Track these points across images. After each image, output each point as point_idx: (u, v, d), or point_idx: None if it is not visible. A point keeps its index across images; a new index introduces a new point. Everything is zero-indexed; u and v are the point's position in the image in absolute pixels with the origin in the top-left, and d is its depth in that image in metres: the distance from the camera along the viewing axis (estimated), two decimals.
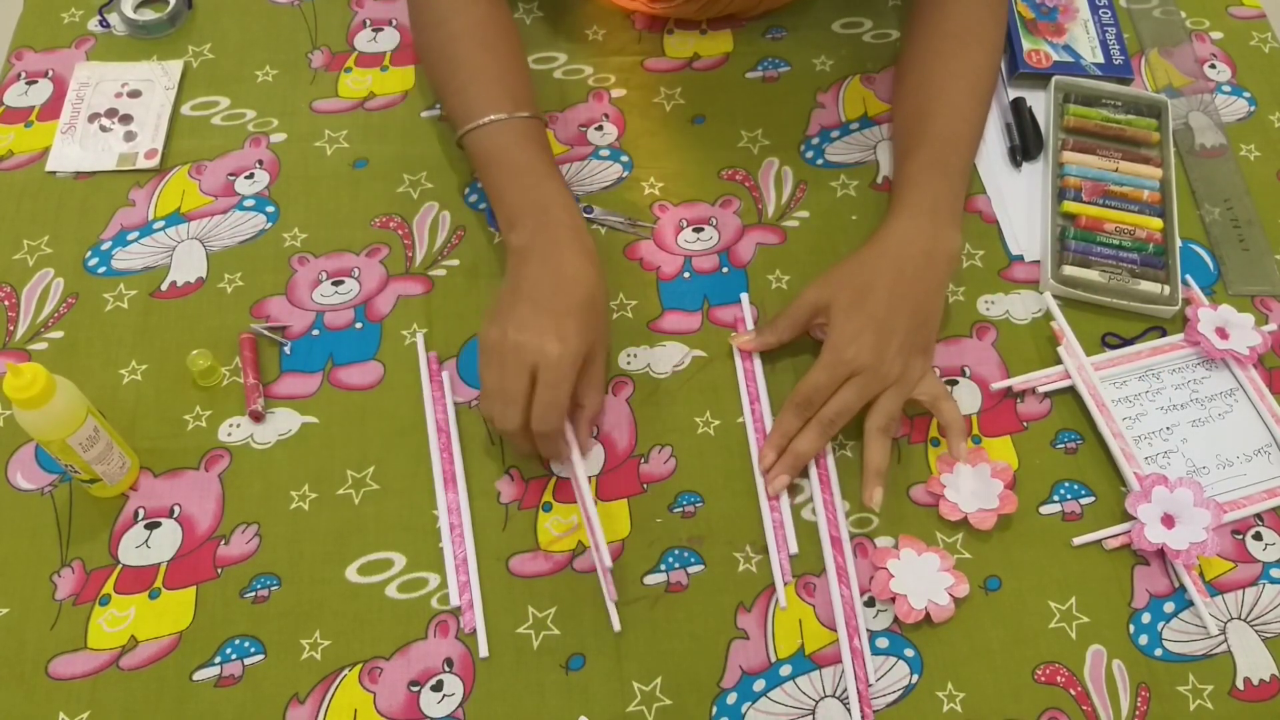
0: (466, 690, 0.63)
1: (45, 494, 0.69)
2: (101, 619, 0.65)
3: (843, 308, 0.70)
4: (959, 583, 0.66)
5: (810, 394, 0.69)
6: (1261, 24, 0.94)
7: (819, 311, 0.71)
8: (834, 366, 0.68)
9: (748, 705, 0.63)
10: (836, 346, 0.69)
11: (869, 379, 0.68)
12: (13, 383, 0.59)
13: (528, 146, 0.74)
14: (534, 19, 0.92)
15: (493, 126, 0.74)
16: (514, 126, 0.74)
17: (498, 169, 0.74)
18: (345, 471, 0.70)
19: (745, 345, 0.74)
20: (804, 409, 0.69)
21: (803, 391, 0.69)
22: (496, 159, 0.74)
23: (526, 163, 0.73)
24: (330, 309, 0.77)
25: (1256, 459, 0.72)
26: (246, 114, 0.86)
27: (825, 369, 0.68)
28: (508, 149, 0.74)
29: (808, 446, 0.69)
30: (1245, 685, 0.64)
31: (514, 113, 0.74)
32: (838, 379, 0.68)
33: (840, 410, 0.68)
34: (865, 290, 0.70)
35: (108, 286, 0.77)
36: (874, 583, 0.66)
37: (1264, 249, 0.81)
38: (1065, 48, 0.90)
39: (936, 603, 0.65)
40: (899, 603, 0.65)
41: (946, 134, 0.77)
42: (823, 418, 0.68)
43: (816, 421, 0.69)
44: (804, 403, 0.69)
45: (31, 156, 0.84)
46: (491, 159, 0.74)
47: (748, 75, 0.89)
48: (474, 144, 0.75)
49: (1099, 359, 0.75)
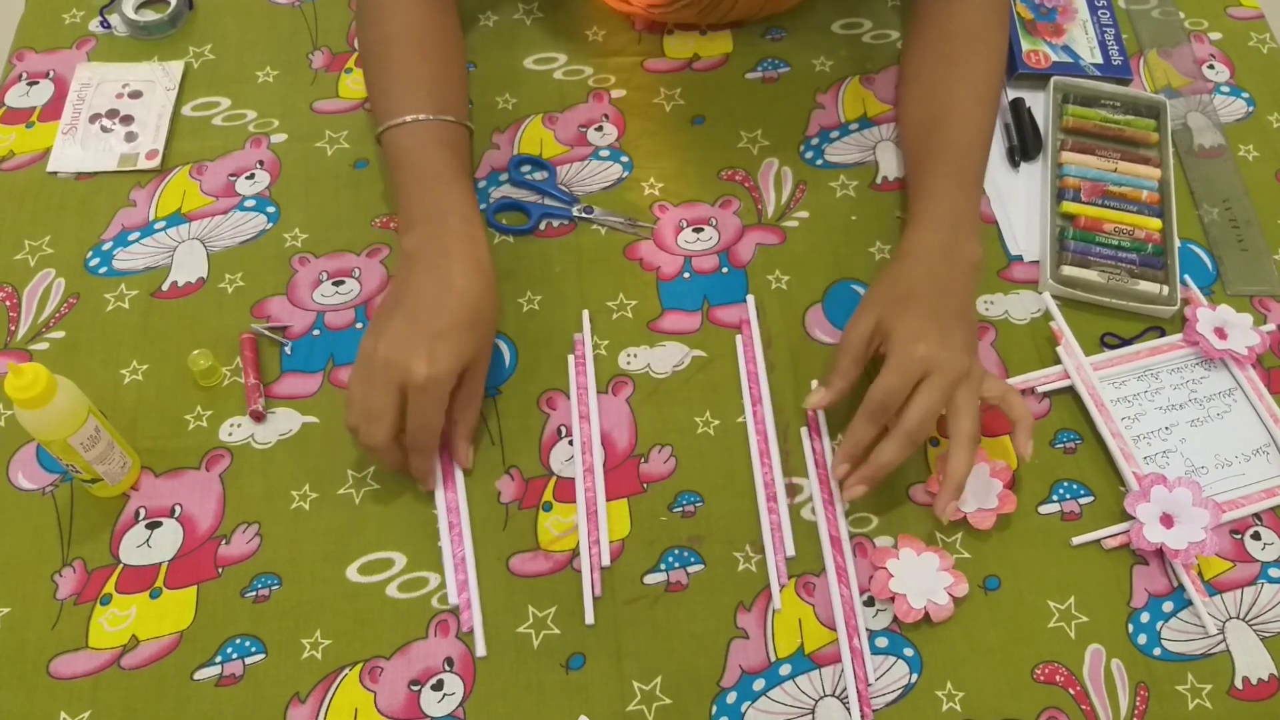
0: (467, 690, 0.63)
1: (46, 494, 0.69)
2: (102, 618, 0.65)
3: (896, 315, 0.67)
4: (958, 582, 0.66)
5: (884, 399, 0.65)
6: (1260, 25, 0.95)
7: (872, 336, 0.69)
8: (906, 367, 0.65)
9: (747, 704, 0.63)
10: (904, 347, 0.65)
11: (944, 375, 0.65)
12: (14, 383, 0.59)
13: (439, 151, 0.72)
14: (534, 19, 0.92)
15: (408, 127, 0.72)
16: (430, 129, 0.73)
17: (403, 170, 0.72)
18: (346, 471, 0.70)
19: (820, 403, 0.69)
20: (879, 415, 0.66)
21: (876, 398, 0.65)
22: (405, 160, 0.72)
23: (433, 167, 0.71)
24: (331, 309, 0.77)
25: (1255, 459, 0.72)
26: (247, 114, 0.86)
27: (897, 371, 0.65)
28: (417, 150, 0.72)
29: (891, 458, 0.65)
30: (1244, 684, 0.64)
31: (435, 115, 0.73)
32: (911, 380, 0.65)
33: (924, 416, 0.65)
34: (910, 297, 0.68)
35: (109, 286, 0.78)
36: (873, 582, 0.66)
37: (1262, 249, 0.81)
38: (1064, 48, 0.90)
39: (936, 602, 0.65)
40: (898, 602, 0.65)
41: (960, 144, 0.76)
42: (907, 428, 0.65)
43: (901, 434, 0.65)
44: (879, 409, 0.65)
45: (33, 157, 0.84)
46: (400, 160, 0.73)
47: (747, 76, 0.89)
48: (388, 143, 0.74)
49: (1098, 359, 0.75)
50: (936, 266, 0.70)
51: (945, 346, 0.66)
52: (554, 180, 0.83)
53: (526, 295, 0.78)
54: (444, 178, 0.71)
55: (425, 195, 0.70)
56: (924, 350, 0.65)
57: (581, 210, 0.82)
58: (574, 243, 0.80)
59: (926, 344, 0.65)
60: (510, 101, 0.87)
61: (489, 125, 0.86)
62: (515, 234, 0.81)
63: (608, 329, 0.76)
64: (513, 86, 0.88)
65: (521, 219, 0.82)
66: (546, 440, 0.72)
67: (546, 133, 0.86)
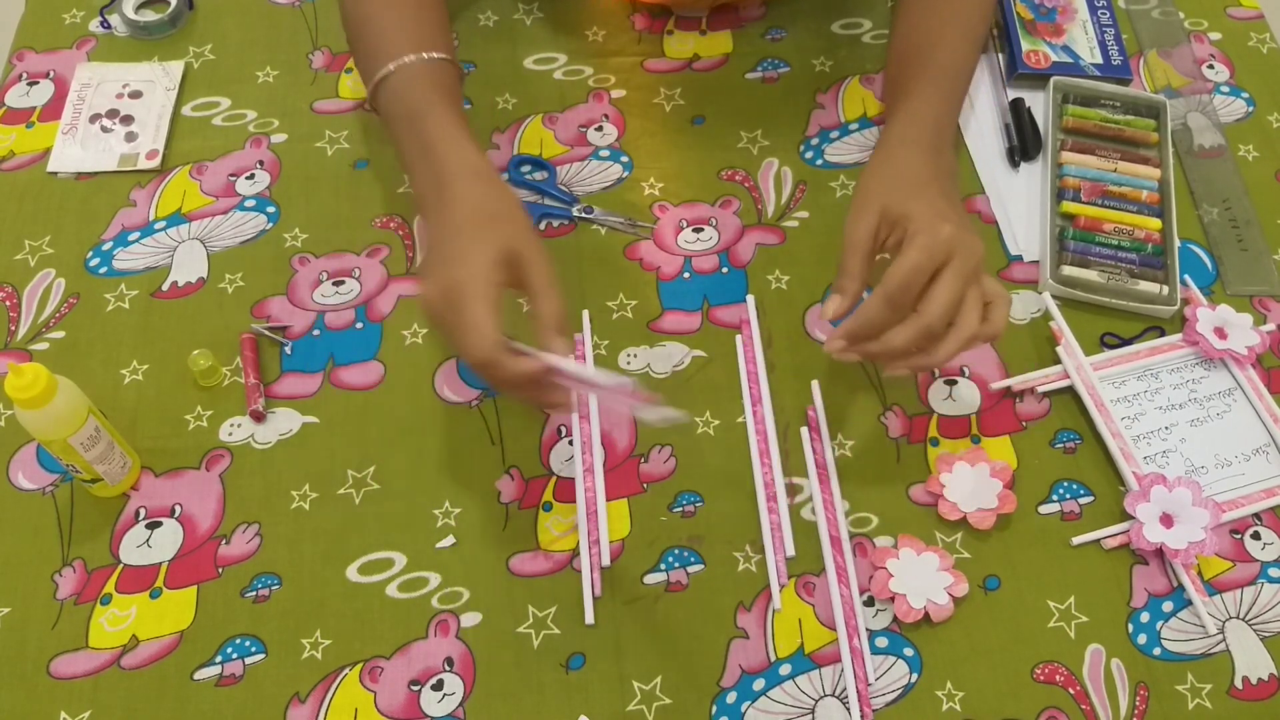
0: (467, 689, 0.63)
1: (46, 494, 0.69)
2: (103, 618, 0.65)
3: (910, 198, 0.63)
4: (958, 582, 0.66)
5: (909, 278, 0.60)
6: (1260, 25, 0.95)
7: (879, 228, 0.64)
8: (932, 245, 0.60)
9: (747, 704, 0.63)
10: (930, 226, 0.61)
11: (966, 261, 0.61)
12: (14, 383, 0.59)
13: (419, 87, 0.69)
14: (534, 19, 0.92)
15: (393, 76, 0.70)
16: (413, 70, 0.70)
17: (394, 120, 0.70)
18: (346, 471, 0.70)
19: (838, 310, 0.64)
20: (901, 297, 0.60)
21: (899, 278, 0.60)
22: (393, 108, 0.70)
23: (415, 105, 0.69)
24: (331, 309, 0.77)
25: (1255, 458, 0.72)
26: (247, 114, 0.86)
27: (924, 249, 0.60)
28: (401, 93, 0.70)
29: (904, 344, 0.61)
30: (1244, 684, 0.64)
31: (416, 56, 0.70)
32: (937, 259, 0.60)
33: (948, 306, 0.60)
34: (917, 180, 0.65)
35: (109, 286, 0.78)
36: (873, 582, 0.66)
37: (1262, 249, 0.81)
38: (1064, 48, 0.90)
39: (935, 602, 0.65)
40: (898, 602, 0.65)
41: (944, 65, 0.75)
42: (929, 320, 0.60)
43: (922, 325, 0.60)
44: (901, 290, 0.60)
45: (33, 157, 0.84)
46: (390, 109, 0.70)
47: (747, 76, 0.89)
48: (378, 99, 0.72)
49: (1098, 359, 0.75)
50: (930, 154, 0.68)
51: (967, 229, 0.62)
52: (554, 180, 0.83)
53: None
54: (422, 112, 0.68)
55: (413, 134, 0.68)
56: (950, 230, 0.61)
57: (581, 210, 0.82)
58: (574, 243, 0.80)
59: (951, 225, 0.61)
60: (510, 101, 0.87)
61: (489, 125, 0.86)
62: None
63: (608, 329, 0.76)
64: (513, 86, 0.88)
65: None
66: (546, 440, 0.72)
67: (546, 133, 0.86)
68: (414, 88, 0.70)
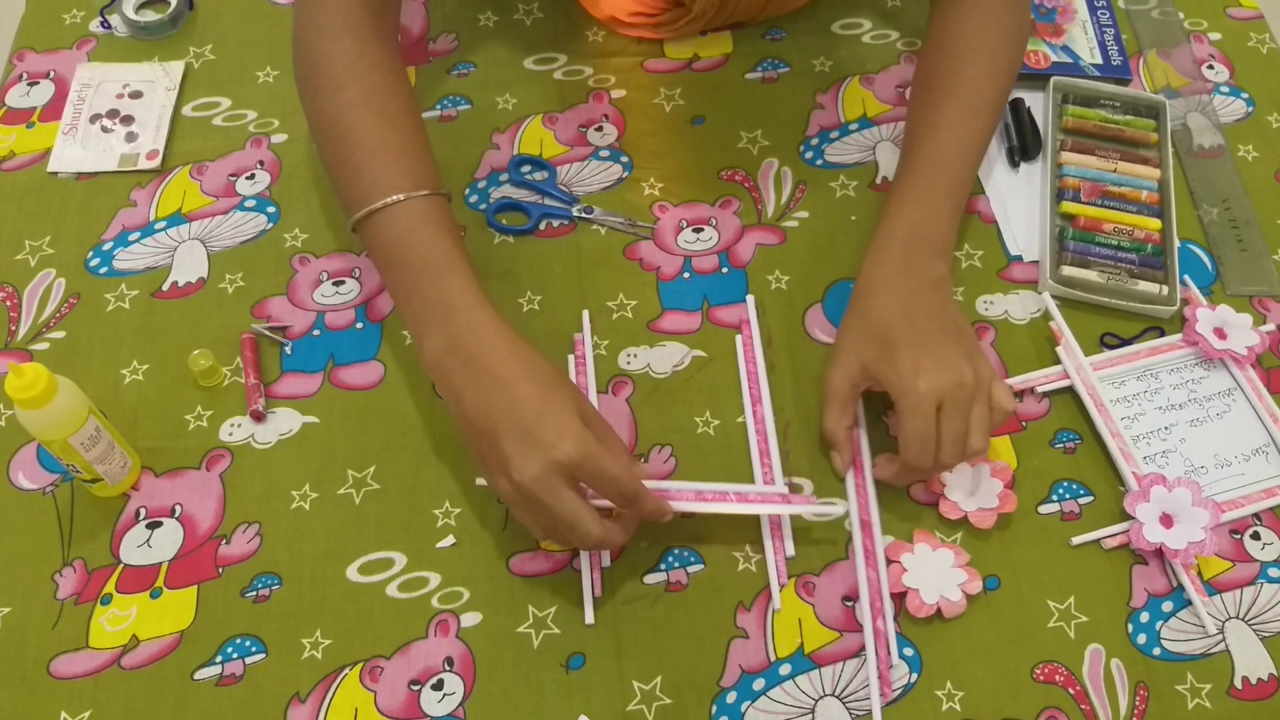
0: (467, 689, 0.63)
1: (47, 494, 0.69)
2: (103, 618, 0.65)
3: (882, 358, 0.66)
4: (972, 579, 0.66)
5: (920, 444, 0.64)
6: (1259, 25, 0.95)
7: (857, 384, 0.69)
8: (919, 407, 0.64)
9: (747, 704, 0.63)
10: (908, 390, 0.64)
11: (956, 397, 0.64)
12: (14, 383, 0.59)
13: (426, 233, 0.66)
14: (534, 19, 0.92)
15: (389, 212, 0.66)
16: (413, 209, 0.66)
17: (395, 267, 0.66)
18: (346, 471, 0.70)
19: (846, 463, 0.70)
20: (922, 460, 0.65)
21: (912, 449, 0.65)
22: (393, 253, 0.66)
23: (424, 255, 0.65)
24: (331, 309, 0.77)
25: (1254, 459, 0.72)
26: (248, 115, 0.86)
27: (915, 414, 0.64)
28: (403, 240, 0.66)
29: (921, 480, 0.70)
30: (1243, 684, 0.64)
31: (413, 192, 0.66)
32: (930, 416, 0.64)
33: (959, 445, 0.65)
34: (886, 334, 0.67)
35: (109, 287, 0.78)
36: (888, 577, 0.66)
37: (1262, 249, 0.81)
38: (1064, 48, 0.91)
39: (949, 598, 0.65)
40: (910, 597, 0.65)
41: (934, 155, 0.74)
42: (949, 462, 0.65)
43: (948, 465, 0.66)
44: (920, 455, 0.65)
45: (33, 157, 0.84)
46: (388, 253, 0.66)
47: (747, 76, 0.89)
48: (368, 231, 0.67)
49: (1097, 359, 0.75)
50: (899, 292, 0.69)
51: (943, 369, 0.64)
52: (554, 180, 0.83)
53: (526, 295, 0.78)
54: (436, 266, 0.65)
55: (424, 292, 0.65)
56: (926, 384, 0.64)
57: (581, 210, 0.82)
58: (574, 243, 0.80)
59: (926, 377, 0.64)
60: (510, 101, 0.87)
61: (489, 125, 0.86)
62: (515, 234, 0.81)
63: (608, 329, 0.76)
64: (513, 86, 0.88)
65: (521, 219, 0.82)
66: None
67: (546, 133, 0.86)
68: (419, 233, 0.66)
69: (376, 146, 0.68)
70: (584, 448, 0.59)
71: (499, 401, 0.61)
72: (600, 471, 0.60)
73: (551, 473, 0.58)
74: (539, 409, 0.60)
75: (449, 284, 0.64)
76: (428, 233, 0.66)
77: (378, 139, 0.68)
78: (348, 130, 0.69)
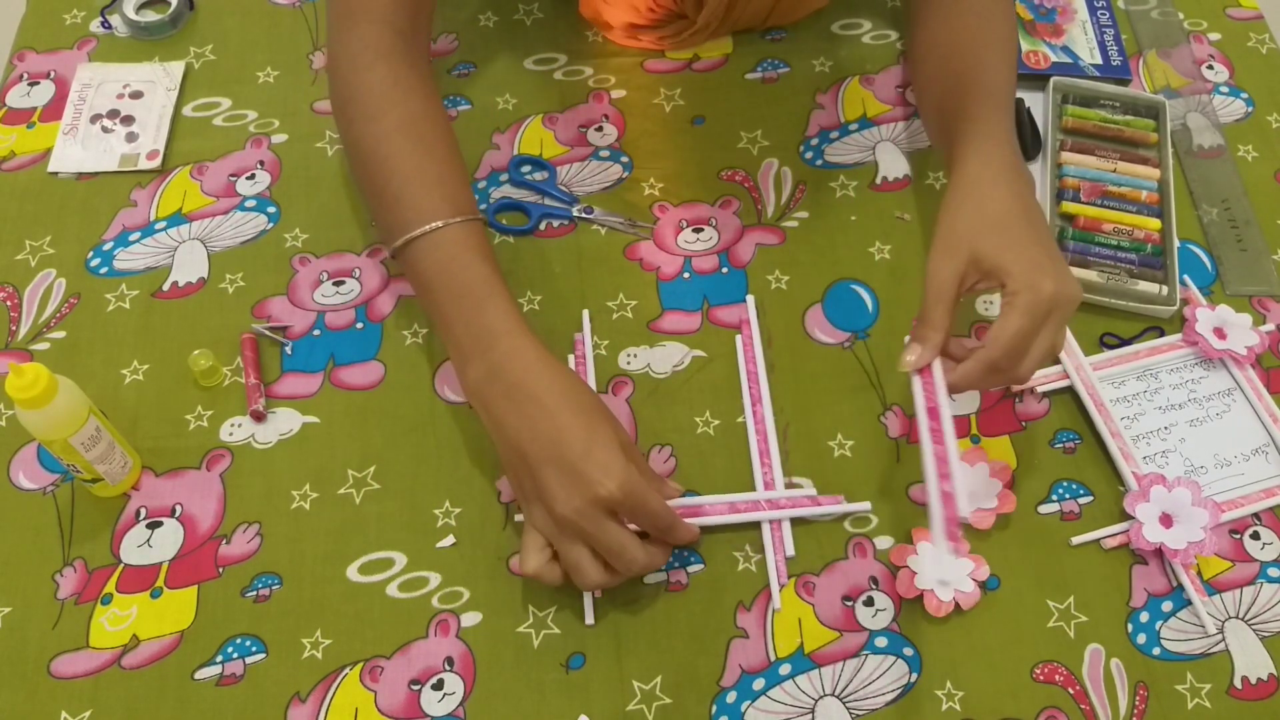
0: (467, 689, 0.63)
1: (47, 493, 0.69)
2: (103, 618, 0.65)
3: (1004, 247, 0.62)
4: (979, 566, 0.66)
5: (1014, 343, 0.60)
6: (1259, 25, 0.95)
7: (965, 275, 0.63)
8: (1034, 307, 0.60)
9: (747, 704, 0.63)
10: (1031, 284, 0.60)
11: (1065, 312, 0.61)
12: (15, 383, 0.60)
13: (468, 258, 0.66)
14: (534, 19, 0.92)
15: (430, 239, 0.67)
16: (454, 235, 0.67)
17: (436, 292, 0.67)
18: (346, 471, 0.70)
19: (919, 362, 0.63)
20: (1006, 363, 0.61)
21: (1003, 344, 0.60)
22: (435, 280, 0.67)
23: (465, 281, 0.66)
24: (331, 309, 0.77)
25: (1254, 458, 0.72)
26: (248, 115, 0.86)
27: (1028, 313, 0.60)
28: (444, 266, 0.66)
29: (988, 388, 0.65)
30: (1243, 684, 0.64)
31: (451, 218, 0.67)
32: (1040, 321, 0.60)
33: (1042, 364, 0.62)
34: (1007, 223, 0.63)
35: (109, 287, 0.78)
36: (898, 583, 0.66)
37: (1261, 249, 0.81)
38: (1063, 49, 0.91)
39: (963, 590, 0.65)
40: (927, 598, 0.65)
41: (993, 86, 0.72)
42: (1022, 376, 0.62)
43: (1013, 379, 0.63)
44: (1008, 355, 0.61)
45: (34, 157, 0.84)
46: (430, 279, 0.67)
47: (747, 76, 0.89)
48: (410, 257, 0.68)
49: (1097, 359, 0.75)
50: (1015, 187, 0.65)
51: (1064, 278, 0.62)
52: (554, 180, 0.83)
53: (526, 295, 0.78)
54: (477, 292, 0.65)
55: (465, 318, 0.65)
56: (1051, 287, 0.60)
57: (581, 210, 0.82)
58: (574, 243, 0.80)
59: (1051, 279, 0.61)
60: (510, 101, 0.87)
61: (489, 125, 0.86)
62: (515, 234, 0.81)
63: (608, 329, 0.76)
64: (513, 86, 0.88)
65: (521, 219, 0.82)
66: None
67: (546, 133, 0.86)
68: (459, 259, 0.66)
69: (414, 173, 0.69)
70: (628, 486, 0.60)
71: (543, 431, 0.61)
72: (641, 507, 0.61)
73: (594, 507, 0.59)
74: (585, 444, 0.60)
75: (490, 310, 0.65)
76: (467, 259, 0.66)
77: (415, 166, 0.69)
78: (385, 158, 0.69)
